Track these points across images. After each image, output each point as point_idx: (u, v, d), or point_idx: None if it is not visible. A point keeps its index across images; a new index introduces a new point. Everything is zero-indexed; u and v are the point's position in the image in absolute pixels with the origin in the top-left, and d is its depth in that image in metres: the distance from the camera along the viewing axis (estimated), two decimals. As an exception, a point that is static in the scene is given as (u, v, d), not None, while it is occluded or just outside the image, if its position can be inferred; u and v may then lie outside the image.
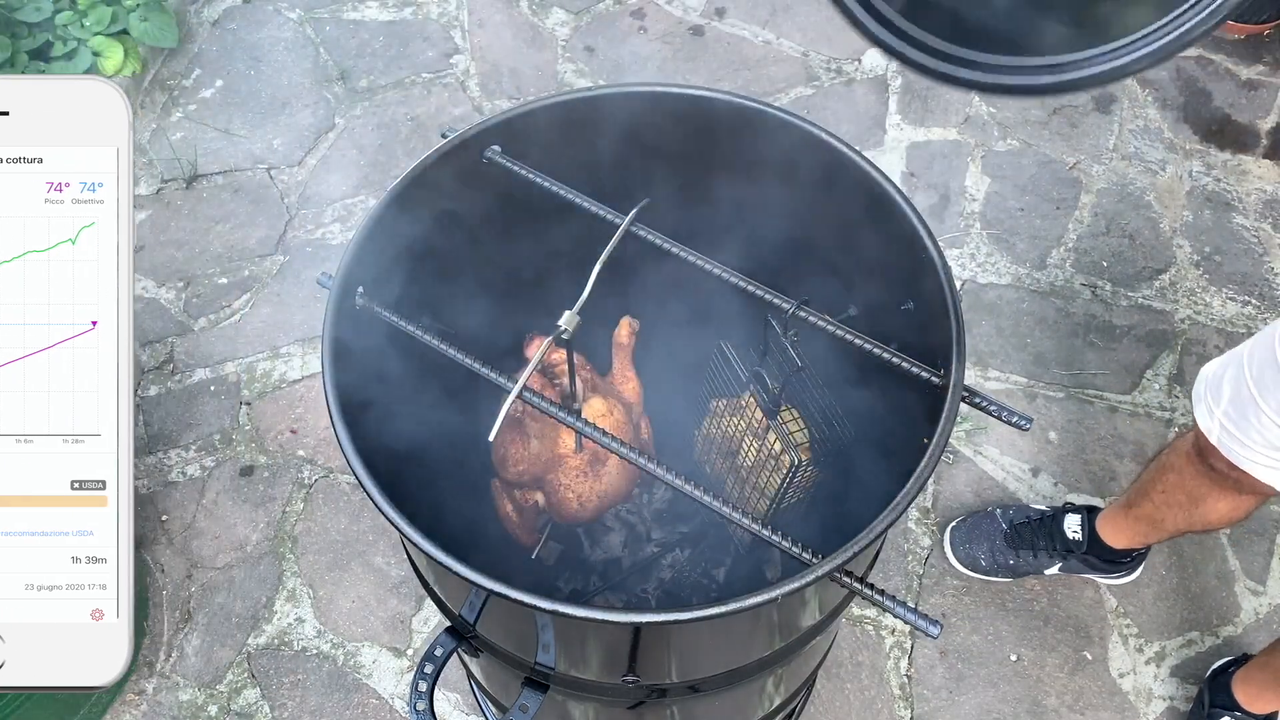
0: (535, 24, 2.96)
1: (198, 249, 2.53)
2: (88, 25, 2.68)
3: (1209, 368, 1.51)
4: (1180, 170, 2.66)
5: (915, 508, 2.17)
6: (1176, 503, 1.69)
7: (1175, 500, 1.69)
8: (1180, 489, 1.66)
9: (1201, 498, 1.63)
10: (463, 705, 1.94)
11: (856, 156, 1.16)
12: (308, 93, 2.81)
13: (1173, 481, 1.68)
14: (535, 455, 1.27)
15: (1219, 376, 1.47)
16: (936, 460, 0.97)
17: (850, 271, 1.24)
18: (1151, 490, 1.74)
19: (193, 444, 2.24)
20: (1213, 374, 1.50)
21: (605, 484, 1.30)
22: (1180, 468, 1.65)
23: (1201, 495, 1.63)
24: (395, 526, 0.94)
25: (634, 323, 1.38)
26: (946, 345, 1.03)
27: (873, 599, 0.93)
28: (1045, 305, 2.43)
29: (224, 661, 1.98)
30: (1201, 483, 1.61)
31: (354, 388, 1.05)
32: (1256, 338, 1.40)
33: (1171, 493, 1.69)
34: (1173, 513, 1.71)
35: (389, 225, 1.14)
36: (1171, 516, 1.72)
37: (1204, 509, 1.64)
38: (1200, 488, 1.62)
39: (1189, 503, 1.66)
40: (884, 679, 1.97)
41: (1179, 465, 1.65)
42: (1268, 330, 1.37)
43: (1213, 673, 1.90)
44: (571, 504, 1.29)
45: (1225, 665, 1.89)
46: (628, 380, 1.37)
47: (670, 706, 1.28)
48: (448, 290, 1.27)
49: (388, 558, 2.09)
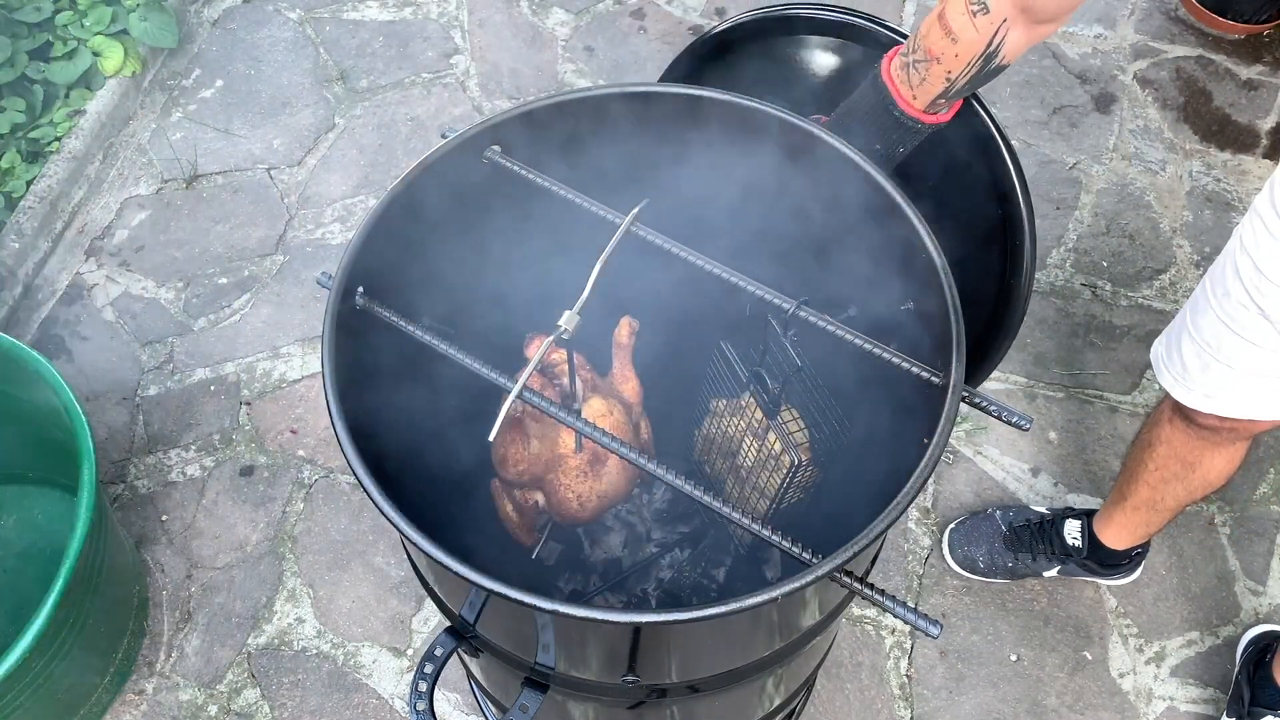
0: (535, 24, 2.97)
1: (198, 249, 2.53)
2: (88, 25, 2.68)
3: (1157, 348, 1.58)
4: (1180, 170, 2.66)
5: (915, 508, 2.17)
6: (1172, 475, 1.69)
7: (1170, 473, 1.69)
8: (1173, 459, 1.67)
9: (1196, 460, 1.65)
10: (463, 705, 1.94)
11: (856, 156, 1.16)
12: (308, 93, 2.81)
13: (1164, 454, 1.68)
14: (535, 455, 1.27)
15: (1172, 348, 1.53)
16: (936, 460, 0.97)
17: (850, 271, 1.24)
18: (1143, 472, 1.74)
19: (193, 444, 2.24)
20: (1165, 351, 1.55)
21: (605, 484, 1.30)
22: (1168, 438, 1.66)
23: (1196, 458, 1.64)
24: (395, 526, 0.93)
25: (634, 323, 1.38)
26: (946, 345, 1.03)
27: (873, 599, 0.93)
28: (1045, 305, 2.43)
29: (224, 661, 1.98)
30: (1193, 445, 1.63)
31: (354, 388, 1.04)
32: (1194, 296, 1.49)
33: (1165, 466, 1.69)
34: (1171, 487, 1.71)
35: (389, 225, 1.14)
36: (1170, 492, 1.72)
37: (1202, 470, 1.65)
38: (1193, 451, 1.64)
39: (1185, 470, 1.67)
40: (884, 679, 1.97)
41: (1165, 436, 1.66)
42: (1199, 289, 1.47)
43: (1250, 660, 1.85)
44: (571, 504, 1.29)
45: (1261, 653, 1.84)
46: (627, 380, 1.37)
47: (670, 706, 1.28)
48: (448, 290, 1.26)
49: (388, 558, 2.09)
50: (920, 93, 1.23)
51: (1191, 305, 1.49)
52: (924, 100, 1.23)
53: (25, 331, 2.39)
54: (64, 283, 2.47)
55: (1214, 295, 1.41)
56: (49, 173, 2.51)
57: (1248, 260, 1.33)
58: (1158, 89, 2.82)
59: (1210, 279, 1.44)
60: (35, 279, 2.46)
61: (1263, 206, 1.31)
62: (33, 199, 2.47)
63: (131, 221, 2.58)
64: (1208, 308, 1.43)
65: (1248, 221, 1.34)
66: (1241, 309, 1.36)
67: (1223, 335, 1.41)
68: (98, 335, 2.39)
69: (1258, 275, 1.32)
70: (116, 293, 2.46)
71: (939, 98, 1.23)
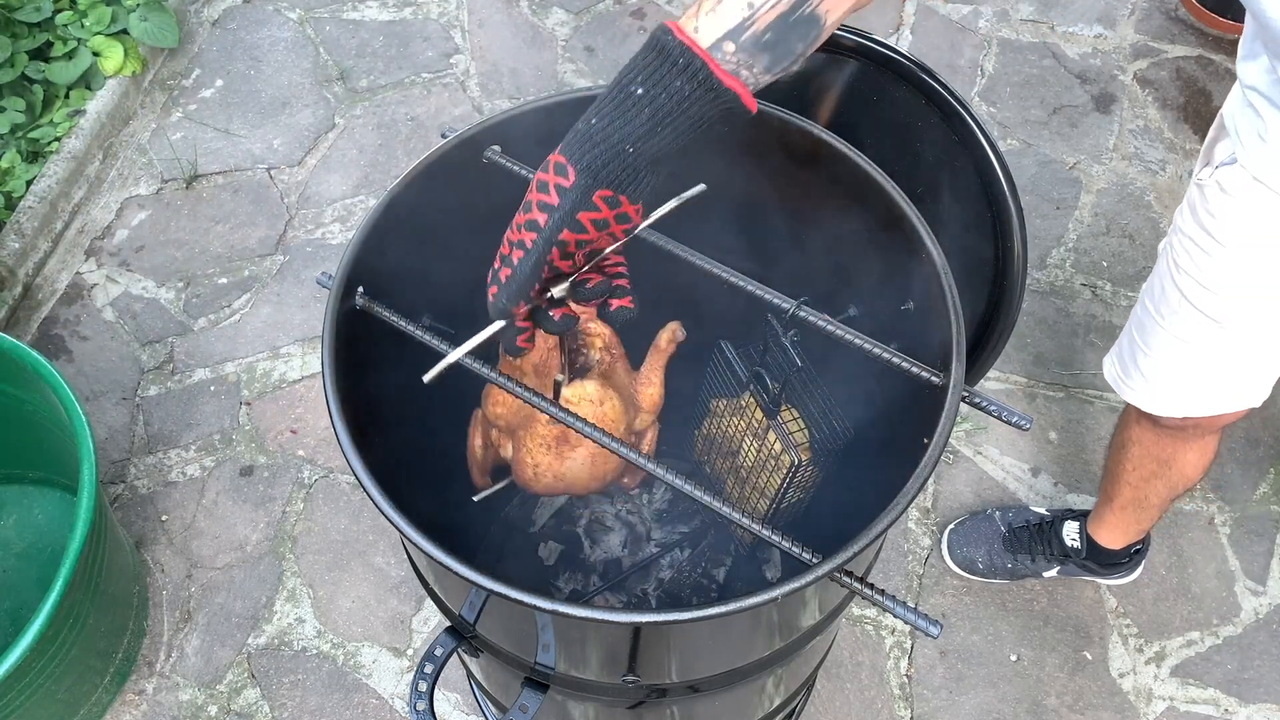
0: (535, 24, 2.97)
1: (198, 249, 2.53)
2: (88, 25, 2.68)
3: (1110, 368, 1.61)
4: (1180, 170, 2.66)
5: (915, 508, 2.17)
6: (1151, 473, 1.71)
7: (1149, 471, 1.71)
8: (1148, 458, 1.70)
9: (1170, 457, 1.67)
10: (463, 705, 1.94)
11: (856, 156, 1.16)
12: (308, 93, 2.81)
13: (1138, 454, 1.70)
14: (516, 405, 1.22)
15: (1127, 364, 1.55)
16: (936, 460, 0.97)
17: (850, 271, 1.24)
18: (1123, 473, 1.76)
19: (193, 444, 2.24)
20: (1120, 369, 1.58)
21: (566, 467, 1.23)
22: (1138, 438, 1.69)
23: (1170, 455, 1.67)
24: (395, 526, 0.93)
25: (680, 332, 1.29)
26: (946, 345, 1.03)
27: (873, 599, 0.93)
28: (1045, 305, 2.43)
29: (224, 661, 1.98)
30: (1164, 443, 1.65)
31: (354, 388, 1.05)
32: (1135, 319, 1.52)
33: (1142, 465, 1.71)
34: (1153, 485, 1.73)
35: (389, 225, 1.14)
36: (1153, 489, 1.74)
37: (1178, 466, 1.68)
38: (1165, 448, 1.66)
39: (1162, 468, 1.69)
40: (884, 679, 1.97)
41: (1136, 437, 1.69)
42: (1140, 311, 1.49)
43: None
44: (527, 469, 1.23)
45: None
46: (650, 385, 1.29)
47: (670, 706, 1.28)
48: (448, 290, 1.26)
49: (388, 558, 2.09)
50: (706, 24, 0.80)
51: (1137, 327, 1.51)
52: (708, 34, 0.80)
53: (25, 331, 2.39)
54: (64, 283, 2.47)
55: (1160, 316, 1.43)
56: (49, 173, 2.51)
57: (1190, 280, 1.34)
58: (1158, 89, 2.82)
59: (1151, 301, 1.45)
60: (35, 279, 2.46)
61: (1190, 229, 1.32)
62: (33, 199, 2.47)
63: (131, 221, 2.58)
64: (1157, 328, 1.44)
65: (1178, 245, 1.35)
66: (1194, 325, 1.38)
67: (1178, 349, 1.43)
68: (98, 335, 2.39)
69: (1205, 292, 1.33)
70: (116, 293, 2.46)
71: (729, 39, 0.80)
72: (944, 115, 1.47)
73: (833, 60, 1.55)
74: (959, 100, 1.44)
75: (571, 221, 0.86)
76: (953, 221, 1.46)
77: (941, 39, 2.93)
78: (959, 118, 1.45)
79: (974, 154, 1.45)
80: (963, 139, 1.45)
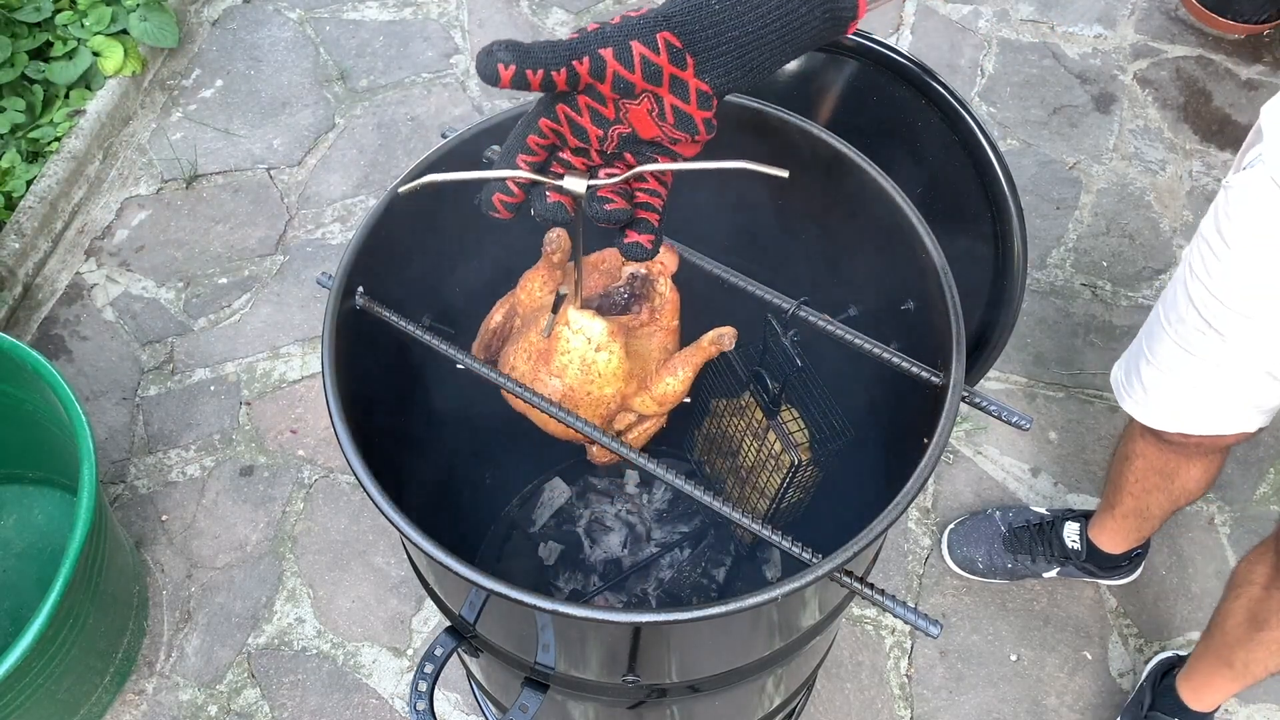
0: (535, 24, 2.97)
1: (198, 249, 2.53)
2: (88, 25, 2.68)
3: (1117, 374, 1.60)
4: (1180, 170, 2.66)
5: (915, 508, 2.17)
6: (1153, 486, 1.71)
7: (1151, 484, 1.71)
8: (1150, 471, 1.69)
9: (1174, 471, 1.66)
10: (463, 705, 1.94)
11: (856, 156, 1.16)
12: (308, 93, 2.81)
13: (1141, 467, 1.70)
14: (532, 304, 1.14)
15: (1131, 373, 1.55)
16: (936, 460, 0.97)
17: (850, 271, 1.24)
18: (1125, 483, 1.76)
19: (193, 444, 2.24)
20: (1124, 376, 1.58)
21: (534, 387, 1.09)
22: (1142, 452, 1.68)
23: (1173, 469, 1.66)
24: (395, 526, 0.93)
25: (728, 340, 1.14)
26: (946, 345, 1.03)
27: (873, 599, 0.93)
28: (1045, 305, 2.43)
29: (224, 661, 1.98)
30: (1167, 458, 1.65)
31: (354, 388, 1.04)
32: (1148, 323, 1.51)
33: (1145, 478, 1.71)
34: (1154, 497, 1.73)
35: (389, 225, 1.14)
36: (1155, 501, 1.74)
37: (1180, 481, 1.67)
38: (1169, 463, 1.66)
39: (1164, 481, 1.69)
40: (884, 679, 1.97)
41: (1140, 451, 1.69)
42: (1153, 315, 1.48)
43: (1155, 673, 1.88)
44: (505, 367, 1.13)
45: (1166, 670, 1.86)
46: (672, 374, 1.12)
47: (670, 706, 1.28)
48: (448, 290, 1.26)
49: (388, 558, 2.09)
50: None
51: (1146, 333, 1.51)
52: None
53: (25, 331, 2.39)
54: (64, 283, 2.47)
55: (1168, 323, 1.43)
56: (49, 173, 2.51)
57: (1200, 286, 1.34)
58: (1158, 89, 2.82)
59: (1163, 306, 1.45)
60: (35, 279, 2.46)
61: (1209, 232, 1.32)
62: (33, 199, 2.47)
63: (131, 221, 2.58)
64: (1163, 334, 1.44)
65: (1195, 248, 1.36)
66: (1198, 334, 1.38)
67: (1181, 359, 1.43)
68: (98, 335, 2.39)
69: (1212, 300, 1.33)
70: (116, 293, 2.46)
71: None
72: (944, 115, 1.47)
73: (833, 60, 1.55)
74: (959, 100, 1.44)
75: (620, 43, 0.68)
76: (952, 221, 1.46)
77: (941, 39, 2.93)
78: (959, 118, 1.45)
79: (974, 154, 1.45)
80: (963, 139, 1.45)
